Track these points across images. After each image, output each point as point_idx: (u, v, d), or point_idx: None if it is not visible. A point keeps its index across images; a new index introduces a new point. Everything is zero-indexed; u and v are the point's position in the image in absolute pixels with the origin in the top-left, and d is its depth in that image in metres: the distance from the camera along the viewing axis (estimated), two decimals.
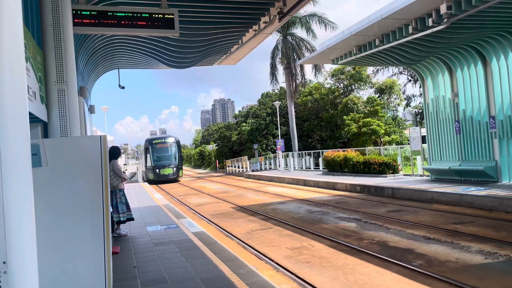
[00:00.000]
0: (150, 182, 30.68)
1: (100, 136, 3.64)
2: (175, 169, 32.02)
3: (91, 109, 11.17)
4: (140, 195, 17.89)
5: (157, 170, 31.26)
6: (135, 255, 6.88)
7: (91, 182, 3.66)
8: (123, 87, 15.12)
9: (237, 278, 5.22)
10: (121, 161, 10.91)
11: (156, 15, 6.66)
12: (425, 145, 17.48)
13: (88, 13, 6.32)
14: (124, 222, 8.57)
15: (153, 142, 33.27)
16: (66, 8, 5.14)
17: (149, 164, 32.35)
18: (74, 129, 4.94)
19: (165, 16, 6.70)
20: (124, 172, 8.91)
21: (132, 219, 8.77)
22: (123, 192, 8.57)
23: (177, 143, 33.89)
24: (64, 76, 4.87)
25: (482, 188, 12.16)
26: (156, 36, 9.29)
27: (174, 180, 31.97)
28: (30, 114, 3.99)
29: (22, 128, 1.92)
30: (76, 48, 8.22)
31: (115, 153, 8.58)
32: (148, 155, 32.56)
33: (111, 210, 8.26)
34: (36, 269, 2.02)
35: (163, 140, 33.72)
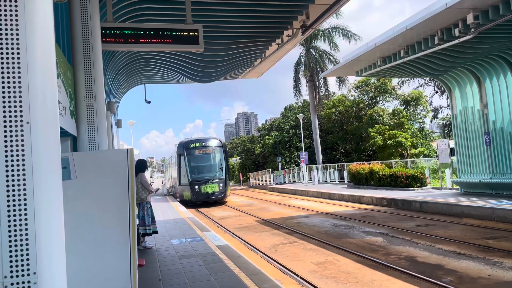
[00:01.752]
0: (187, 203, 21.65)
1: (127, 149, 3.71)
2: (221, 185, 21.87)
3: (118, 124, 11.43)
4: (165, 208, 18.07)
5: (196, 187, 21.41)
6: (160, 268, 6.91)
7: (118, 194, 3.73)
8: (149, 102, 15.45)
9: None
10: (147, 174, 11.19)
11: (181, 31, 6.80)
12: (453, 158, 17.03)
13: (116, 30, 6.51)
14: (150, 234, 8.66)
15: (190, 146, 22.91)
16: (95, 26, 5.31)
17: (183, 178, 22.64)
18: (102, 143, 5.06)
19: (190, 31, 6.84)
20: (151, 184, 9.03)
21: (156, 232, 8.85)
22: (150, 204, 8.67)
23: (223, 147, 23.72)
24: (92, 92, 5.02)
25: None
26: (181, 51, 9.47)
27: (220, 200, 22.31)
28: (61, 128, 4.11)
29: (53, 142, 1.98)
30: (104, 64, 8.47)
31: (142, 166, 8.71)
32: (182, 166, 22.88)
33: (138, 222, 8.38)
34: (65, 281, 2.05)
35: (203, 144, 23.16)
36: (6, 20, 1.83)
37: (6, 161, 1.82)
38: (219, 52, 10.70)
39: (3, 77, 1.81)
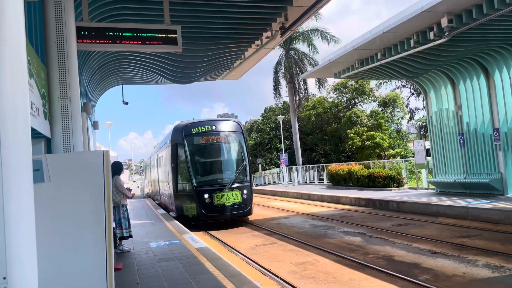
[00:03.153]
0: (190, 220, 13.62)
1: (103, 151, 3.65)
2: (245, 192, 13.78)
3: (95, 125, 11.22)
4: (143, 211, 17.83)
5: (205, 197, 13.26)
6: (138, 272, 6.81)
7: (93, 197, 3.65)
8: (126, 103, 15.22)
9: None
10: (124, 176, 11.04)
11: (159, 31, 6.73)
12: (429, 158, 17.38)
13: (92, 30, 6.39)
14: (126, 238, 8.52)
15: (193, 131, 14.14)
16: (69, 25, 5.21)
17: (183, 182, 14.15)
18: (77, 145, 4.95)
19: (168, 32, 6.78)
20: (130, 189, 8.88)
21: (131, 236, 8.72)
22: (126, 207, 8.54)
23: (243, 133, 15.02)
24: (67, 92, 4.91)
25: (488, 201, 12.03)
26: (160, 52, 9.38)
27: (244, 216, 14.23)
28: (33, 130, 4.01)
29: (23, 143, 1.92)
30: (80, 65, 8.31)
31: (117, 168, 8.58)
32: (180, 163, 14.25)
33: (114, 225, 8.24)
34: (37, 286, 2.00)
35: (214, 128, 14.29)
36: None
37: None
38: (198, 53, 10.64)
39: None
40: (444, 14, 10.15)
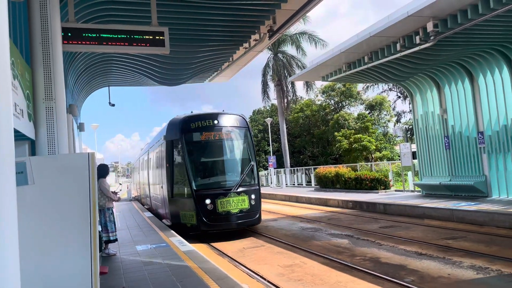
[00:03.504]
0: (188, 230, 11.83)
1: (88, 153, 3.60)
2: (253, 197, 11.94)
3: (81, 127, 11.09)
4: (130, 213, 17.66)
5: (206, 203, 11.36)
6: (124, 275, 6.74)
7: (78, 200, 3.61)
8: (113, 105, 15.07)
9: None
10: (110, 179, 10.95)
11: (147, 33, 6.69)
12: (415, 161, 17.59)
13: (78, 31, 6.32)
14: (113, 241, 8.43)
15: (192, 126, 12.27)
16: (55, 26, 5.14)
17: (179, 185, 12.31)
18: (62, 147, 4.88)
19: (156, 34, 6.74)
20: (115, 192, 8.78)
21: (116, 240, 8.63)
22: (112, 210, 8.45)
23: (249, 129, 13.17)
24: (52, 94, 4.84)
25: (472, 203, 12.21)
26: (147, 53, 9.32)
27: (253, 225, 12.31)
28: (17, 131, 3.94)
29: (6, 145, 1.88)
30: (66, 66, 8.21)
31: (102, 171, 8.49)
32: (176, 163, 12.44)
33: (100, 229, 8.14)
34: None
35: (216, 123, 12.40)
36: None
37: None
38: (185, 55, 10.60)
39: None
40: (429, 19, 10.29)
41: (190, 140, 11.92)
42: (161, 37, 6.81)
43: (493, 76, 13.01)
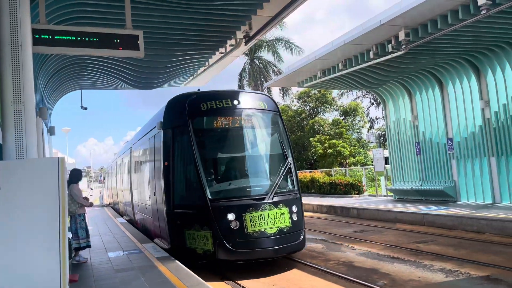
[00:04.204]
0: (199, 258, 7.92)
1: (58, 158, 3.51)
2: (294, 208, 8.10)
3: (51, 131, 10.78)
4: (102, 219, 17.29)
5: (229, 218, 7.49)
6: (95, 283, 6.58)
7: (47, 205, 3.51)
8: (85, 108, 14.75)
9: None
10: (82, 184, 10.23)
11: (120, 36, 6.59)
12: (388, 166, 17.94)
13: (49, 33, 6.17)
14: (83, 248, 8.21)
15: (203, 108, 8.33)
16: (25, 27, 5.00)
17: (183, 192, 8.52)
18: (31, 151, 4.74)
19: (130, 37, 6.65)
20: (87, 198, 8.56)
21: (89, 246, 8.42)
22: (83, 217, 8.23)
23: (279, 114, 9.26)
24: (21, 97, 4.69)
25: (442, 208, 12.54)
26: (121, 56, 9.19)
27: (293, 252, 8.21)
28: None
29: None
30: (36, 68, 8.01)
31: (73, 176, 8.28)
32: (179, 161, 8.48)
33: (71, 236, 7.93)
34: None
35: (237, 103, 8.52)
36: None
37: None
38: (160, 59, 10.51)
39: None
40: (401, 28, 10.56)
41: (201, 128, 8.34)
42: (135, 41, 6.73)
43: (461, 84, 13.45)
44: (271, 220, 7.58)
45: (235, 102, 8.41)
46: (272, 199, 7.75)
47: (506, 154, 12.27)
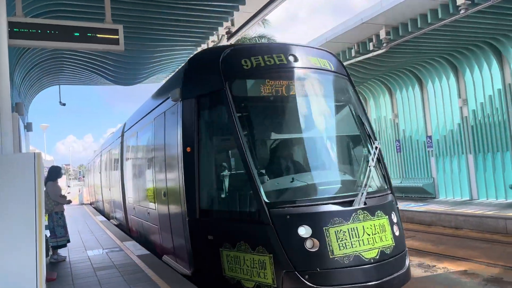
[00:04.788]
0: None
1: (34, 153, 3.42)
2: (394, 217, 5.18)
3: (28, 127, 10.53)
4: (80, 216, 17.01)
5: (302, 233, 4.52)
6: (74, 281, 6.46)
7: (23, 202, 3.41)
8: (64, 104, 14.45)
9: None
10: (61, 182, 9.56)
11: (100, 30, 6.46)
12: None
13: (26, 26, 6.01)
14: (61, 247, 8.05)
15: (245, 65, 5.32)
16: (1, 20, 4.86)
17: (218, 191, 5.61)
18: (7, 147, 4.60)
19: (109, 31, 6.52)
20: (64, 195, 8.37)
21: (68, 241, 8.26)
22: (61, 214, 8.04)
23: (350, 80, 6.19)
24: None
25: (421, 204, 12.76)
26: (100, 50, 9.03)
27: (401, 284, 4.97)
28: None
29: None
30: (13, 62, 7.79)
31: (51, 173, 8.11)
32: (210, 144, 5.73)
33: (48, 234, 7.77)
34: None
35: (293, 60, 5.50)
36: None
37: None
38: (141, 55, 10.37)
39: None
40: (382, 26, 10.68)
41: (244, 95, 5.60)
42: (115, 36, 6.61)
43: (440, 83, 13.69)
44: (368, 237, 4.76)
45: (291, 58, 5.55)
46: (365, 203, 4.86)
47: (483, 152, 12.56)
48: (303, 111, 5.68)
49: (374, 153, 5.33)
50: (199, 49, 10.79)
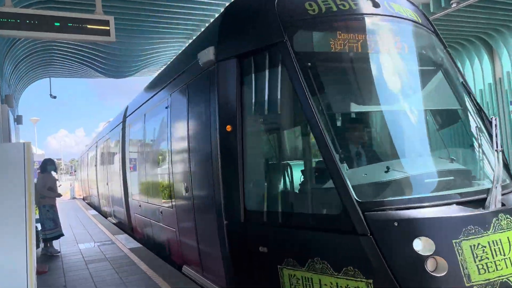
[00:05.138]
0: None
1: (24, 143, 3.38)
2: None
3: (18, 120, 10.42)
4: (72, 211, 16.92)
5: (417, 249, 2.94)
6: (65, 274, 6.43)
7: (12, 192, 3.37)
8: (54, 97, 14.28)
9: None
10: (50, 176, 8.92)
11: (90, 21, 6.39)
12: None
13: (15, 16, 5.92)
14: (52, 239, 7.96)
15: (311, 10, 3.65)
16: None
17: (264, 186, 4.00)
18: None
19: (100, 22, 6.45)
20: (52, 187, 8.22)
21: (62, 235, 8.20)
22: (49, 207, 7.91)
23: (438, 36, 4.30)
24: None
25: None
26: (91, 42, 8.93)
27: None
28: None
29: None
30: (2, 53, 7.70)
31: (42, 166, 8.03)
32: (259, 123, 4.06)
33: (40, 227, 7.71)
34: None
35: (370, 7, 3.79)
36: None
37: None
38: (133, 47, 10.31)
39: None
40: None
41: (311, 51, 3.92)
42: (106, 27, 6.53)
43: None
44: None
45: (370, 2, 3.94)
46: (503, 204, 3.37)
47: None
48: (395, 75, 3.98)
49: (496, 133, 3.59)
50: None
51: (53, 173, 8.34)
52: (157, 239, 7.07)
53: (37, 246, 6.48)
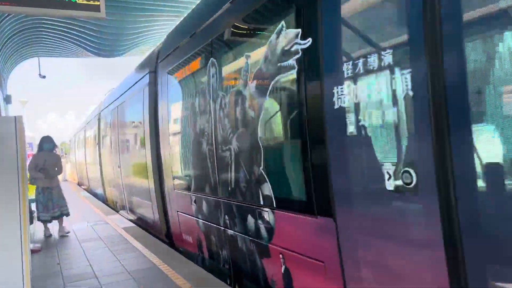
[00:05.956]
0: None
1: (15, 116, 3.31)
2: None
3: (7, 99, 10.23)
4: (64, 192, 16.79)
5: None
6: (59, 253, 6.43)
7: (3, 168, 3.32)
8: (44, 76, 13.98)
9: (168, 268, 5.08)
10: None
11: None
12: None
13: None
14: (43, 221, 7.80)
15: None
16: None
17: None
18: None
19: None
20: (41, 168, 7.92)
21: (49, 221, 7.87)
22: (40, 190, 7.64)
23: None
24: None
25: None
26: (81, 17, 8.73)
27: None
28: None
29: None
30: None
31: (39, 145, 7.93)
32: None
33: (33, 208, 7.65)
34: None
35: None
36: None
37: None
38: (124, 25, 10.08)
39: None
40: None
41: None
42: (96, 2, 6.37)
43: None
44: None
45: None
46: None
47: None
48: None
49: None
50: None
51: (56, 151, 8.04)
52: (250, 265, 3.84)
53: (31, 222, 6.42)
